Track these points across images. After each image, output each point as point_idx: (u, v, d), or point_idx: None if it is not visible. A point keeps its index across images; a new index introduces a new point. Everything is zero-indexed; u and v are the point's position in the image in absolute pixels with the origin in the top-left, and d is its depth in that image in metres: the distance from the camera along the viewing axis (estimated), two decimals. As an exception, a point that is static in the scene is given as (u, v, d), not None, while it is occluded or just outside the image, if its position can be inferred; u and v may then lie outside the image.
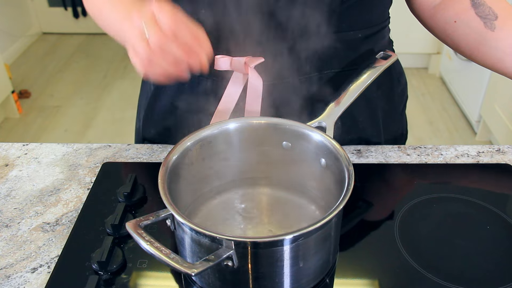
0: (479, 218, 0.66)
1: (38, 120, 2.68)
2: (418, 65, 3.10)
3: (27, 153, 0.81)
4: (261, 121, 0.64)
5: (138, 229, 0.49)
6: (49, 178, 0.75)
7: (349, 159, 0.57)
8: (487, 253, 0.61)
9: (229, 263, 0.49)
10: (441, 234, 0.64)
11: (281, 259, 0.50)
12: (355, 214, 0.67)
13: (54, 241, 0.64)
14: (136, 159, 0.78)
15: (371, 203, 0.69)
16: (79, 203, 0.70)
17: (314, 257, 0.53)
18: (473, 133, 2.51)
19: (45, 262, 0.61)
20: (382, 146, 0.80)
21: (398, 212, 0.66)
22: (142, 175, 0.73)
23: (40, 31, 3.67)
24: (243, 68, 0.70)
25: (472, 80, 2.49)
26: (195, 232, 0.50)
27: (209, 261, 0.47)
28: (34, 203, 0.70)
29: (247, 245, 0.49)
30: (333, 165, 0.59)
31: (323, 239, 0.53)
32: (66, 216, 0.68)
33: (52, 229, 0.66)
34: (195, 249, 0.52)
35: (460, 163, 0.77)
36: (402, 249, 0.61)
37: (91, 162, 0.78)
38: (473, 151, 0.79)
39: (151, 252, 0.46)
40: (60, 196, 0.71)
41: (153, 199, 0.69)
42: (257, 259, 0.50)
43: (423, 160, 0.77)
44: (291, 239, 0.49)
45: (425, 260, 0.60)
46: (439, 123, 2.60)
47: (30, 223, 0.67)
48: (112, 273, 0.58)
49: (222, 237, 0.48)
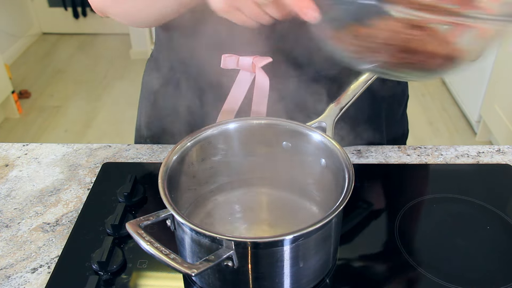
0: (479, 219, 0.66)
1: (38, 120, 2.68)
2: (418, 65, 3.10)
3: (27, 153, 0.81)
4: (261, 121, 0.64)
5: (138, 229, 0.49)
6: (49, 178, 0.75)
7: (349, 159, 0.57)
8: (487, 253, 0.61)
9: (229, 263, 0.49)
10: (441, 235, 0.64)
11: (281, 259, 0.50)
12: (355, 214, 0.67)
13: (54, 241, 0.64)
14: (136, 159, 0.78)
15: (371, 203, 0.69)
16: (79, 203, 0.70)
17: (314, 257, 0.53)
18: (473, 133, 2.51)
19: (45, 262, 0.61)
20: (382, 146, 0.80)
21: (398, 212, 0.66)
22: (142, 175, 0.73)
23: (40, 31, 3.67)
24: (250, 68, 0.70)
25: (472, 80, 2.49)
26: (195, 233, 0.50)
27: (209, 261, 0.47)
28: (34, 203, 0.70)
29: (247, 245, 0.49)
30: (333, 165, 0.59)
31: (323, 239, 0.53)
32: (66, 216, 0.68)
33: (52, 229, 0.66)
34: (195, 249, 0.52)
35: (460, 164, 0.77)
36: (402, 249, 0.61)
37: (91, 162, 0.78)
38: (473, 151, 0.79)
39: (151, 253, 0.46)
40: (60, 196, 0.71)
41: (153, 199, 0.69)
42: (257, 259, 0.50)
43: (423, 161, 0.77)
44: (291, 239, 0.49)
45: (425, 260, 0.60)
46: (439, 123, 2.60)
47: (30, 223, 0.67)
48: (112, 273, 0.58)
49: (222, 237, 0.48)
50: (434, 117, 2.65)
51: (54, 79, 3.07)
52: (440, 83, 2.94)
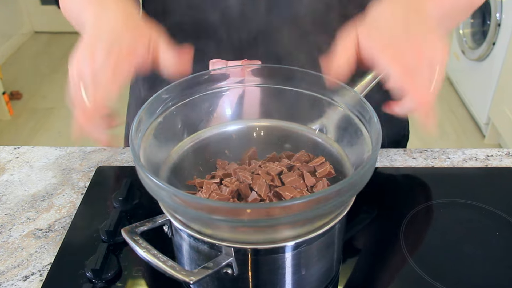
0: (488, 225, 0.66)
1: (30, 122, 2.68)
2: (425, 65, 3.10)
3: (18, 156, 0.81)
4: (261, 124, 0.65)
5: (134, 235, 0.49)
6: (42, 183, 0.75)
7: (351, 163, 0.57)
8: (496, 261, 0.61)
9: (228, 271, 0.49)
10: (448, 241, 0.64)
11: (283, 266, 0.50)
12: (359, 220, 0.67)
13: (47, 248, 0.64)
14: (131, 163, 0.78)
15: (375, 208, 0.69)
16: (73, 208, 0.70)
17: (317, 264, 0.53)
18: (482, 136, 2.51)
19: (37, 270, 0.61)
20: (387, 150, 0.81)
21: (404, 218, 0.67)
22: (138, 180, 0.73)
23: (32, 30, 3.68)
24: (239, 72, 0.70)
25: (481, 81, 2.50)
26: (193, 239, 0.50)
27: (208, 269, 0.47)
28: (26, 208, 0.70)
29: (247, 252, 0.49)
30: (334, 168, 0.59)
31: (326, 246, 0.53)
32: (59, 222, 0.68)
33: (44, 235, 0.66)
34: (193, 256, 0.52)
35: (468, 167, 0.77)
36: (408, 257, 0.61)
37: (85, 166, 0.78)
38: (482, 154, 0.80)
39: (148, 260, 0.47)
40: (53, 201, 0.72)
41: (150, 205, 0.69)
42: (258, 266, 0.50)
43: (430, 164, 0.77)
44: (293, 245, 0.49)
45: (432, 268, 0.60)
46: (446, 125, 2.60)
47: (21, 229, 0.67)
48: (107, 281, 0.58)
49: (222, 244, 0.48)
50: (441, 119, 2.65)
51: (46, 80, 3.07)
52: (447, 84, 2.95)
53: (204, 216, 0.44)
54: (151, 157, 0.55)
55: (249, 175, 0.55)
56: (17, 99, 2.86)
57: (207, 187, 0.54)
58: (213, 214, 0.44)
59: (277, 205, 0.45)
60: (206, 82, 0.62)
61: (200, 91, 0.62)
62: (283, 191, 0.53)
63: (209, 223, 0.47)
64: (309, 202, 0.44)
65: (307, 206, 0.44)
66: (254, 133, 0.65)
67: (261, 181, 0.54)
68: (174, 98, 0.59)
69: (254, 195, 0.53)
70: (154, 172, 0.54)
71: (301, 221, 0.46)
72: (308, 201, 0.44)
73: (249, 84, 0.64)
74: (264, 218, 0.44)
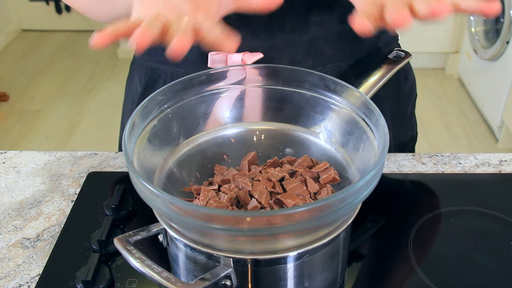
0: (502, 233, 0.66)
1: (17, 125, 2.69)
2: (435, 65, 3.12)
3: (5, 161, 0.81)
4: (262, 127, 0.65)
5: (127, 245, 0.49)
6: (29, 189, 0.75)
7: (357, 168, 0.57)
8: (510, 272, 0.61)
9: (227, 283, 0.49)
10: (459, 251, 0.64)
11: (285, 278, 0.50)
12: (365, 229, 0.67)
13: (35, 258, 0.64)
14: (124, 169, 0.78)
15: (382, 216, 0.69)
16: (62, 216, 0.70)
17: (321, 276, 0.53)
18: (495, 140, 2.52)
19: (25, 281, 0.61)
20: (394, 154, 0.81)
21: (413, 226, 0.67)
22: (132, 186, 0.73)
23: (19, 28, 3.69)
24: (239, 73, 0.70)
25: (494, 82, 2.50)
26: (190, 249, 0.50)
27: (206, 280, 0.47)
28: (13, 216, 0.70)
29: (247, 263, 0.49)
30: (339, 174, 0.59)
31: (330, 256, 0.53)
32: (48, 231, 0.68)
33: (32, 245, 0.66)
34: (190, 267, 0.52)
35: (481, 173, 0.77)
36: (417, 267, 0.61)
37: (76, 171, 0.78)
38: (495, 159, 0.80)
39: (142, 271, 0.47)
40: (42, 209, 0.72)
41: (144, 213, 0.69)
42: (258, 278, 0.50)
43: (440, 170, 0.78)
44: (295, 256, 0.49)
45: (442, 279, 0.60)
46: (457, 128, 2.61)
47: (8, 238, 0.67)
48: (99, 293, 0.58)
49: (220, 254, 0.48)
50: (451, 122, 2.65)
51: (34, 81, 3.08)
52: (458, 85, 2.95)
53: (201, 224, 0.44)
54: (145, 162, 0.55)
55: (249, 182, 0.56)
56: (3, 101, 2.86)
57: (205, 194, 0.55)
58: (211, 223, 0.44)
59: (279, 213, 0.45)
60: (203, 83, 0.62)
61: (197, 93, 0.62)
62: (285, 198, 0.53)
63: (207, 232, 0.47)
64: (312, 210, 0.44)
65: (310, 214, 0.44)
66: (254, 137, 0.65)
67: (261, 187, 0.54)
68: (170, 100, 0.59)
69: (254, 203, 0.54)
70: (148, 178, 0.54)
71: (304, 230, 0.46)
72: (311, 209, 0.44)
73: (249, 85, 0.64)
74: (264, 226, 0.44)
